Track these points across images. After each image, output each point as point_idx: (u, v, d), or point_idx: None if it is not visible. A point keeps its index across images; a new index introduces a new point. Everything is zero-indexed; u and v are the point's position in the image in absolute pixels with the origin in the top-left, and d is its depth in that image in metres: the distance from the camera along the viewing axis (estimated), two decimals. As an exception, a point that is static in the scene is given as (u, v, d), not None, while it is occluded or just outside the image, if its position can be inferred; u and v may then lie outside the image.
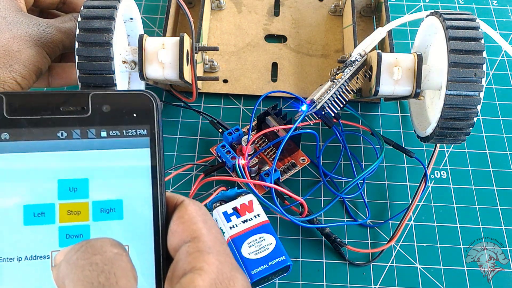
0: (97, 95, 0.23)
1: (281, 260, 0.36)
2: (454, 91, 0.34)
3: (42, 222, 0.23)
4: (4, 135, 0.23)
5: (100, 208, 0.23)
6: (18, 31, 0.37)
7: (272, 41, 0.52)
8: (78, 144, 0.23)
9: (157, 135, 0.24)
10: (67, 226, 0.23)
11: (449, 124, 0.36)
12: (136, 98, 0.24)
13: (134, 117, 0.24)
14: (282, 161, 0.43)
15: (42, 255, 0.22)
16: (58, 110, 0.23)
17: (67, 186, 0.23)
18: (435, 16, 0.38)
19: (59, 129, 0.23)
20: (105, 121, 0.23)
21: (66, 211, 0.23)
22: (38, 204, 0.23)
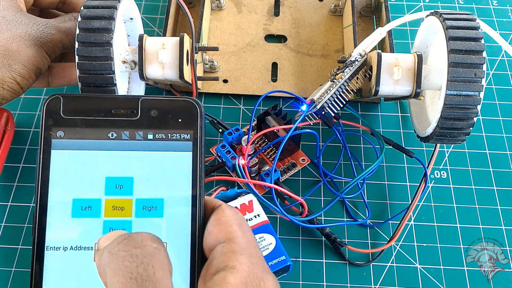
0: (146, 100, 0.25)
1: (281, 260, 0.36)
2: (454, 91, 0.34)
3: (89, 215, 0.24)
4: (59, 133, 0.24)
5: (143, 205, 0.25)
6: (17, 30, 0.37)
7: (272, 41, 0.52)
8: (126, 145, 0.25)
9: (199, 140, 0.25)
10: (111, 221, 0.24)
11: (449, 124, 0.36)
12: (182, 104, 0.25)
13: (179, 122, 0.25)
14: (282, 161, 0.43)
15: (86, 247, 0.24)
16: (110, 112, 0.25)
17: (113, 183, 0.24)
18: (435, 16, 0.38)
19: (110, 130, 0.25)
20: (152, 124, 0.25)
21: (111, 206, 0.24)
22: (86, 199, 0.24)
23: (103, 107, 0.25)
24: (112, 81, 0.36)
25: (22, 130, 0.46)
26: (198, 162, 0.25)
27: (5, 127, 0.42)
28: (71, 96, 0.25)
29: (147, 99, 0.25)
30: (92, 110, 0.25)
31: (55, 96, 0.25)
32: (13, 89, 0.37)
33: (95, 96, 0.26)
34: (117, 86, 0.36)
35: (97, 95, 0.26)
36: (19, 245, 0.40)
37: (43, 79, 0.42)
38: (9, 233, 0.40)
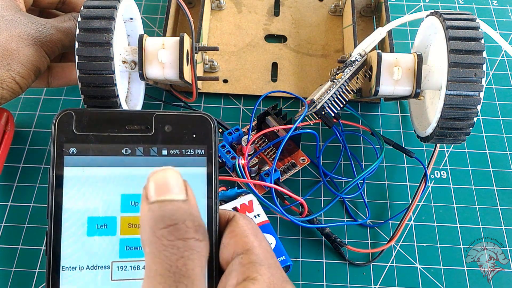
0: (161, 116, 0.25)
1: (281, 260, 0.36)
2: (454, 91, 0.34)
3: (104, 234, 0.24)
4: (72, 150, 0.24)
5: None
6: (16, 30, 0.37)
7: (272, 41, 0.52)
8: (140, 161, 0.24)
9: (213, 155, 0.25)
10: (127, 239, 0.24)
11: (449, 124, 0.36)
12: (196, 119, 0.25)
13: (193, 137, 0.25)
14: (282, 161, 0.43)
15: (103, 265, 0.23)
16: (124, 128, 0.24)
17: (129, 200, 0.24)
18: (435, 16, 0.38)
19: (124, 146, 0.24)
20: (166, 140, 0.25)
21: (127, 224, 0.24)
22: (101, 217, 0.24)
23: (116, 122, 0.24)
24: (112, 81, 0.36)
25: (22, 130, 0.46)
26: (213, 178, 0.25)
27: (5, 127, 0.42)
28: (84, 111, 0.24)
29: (161, 114, 0.25)
30: (106, 126, 0.24)
31: (67, 112, 0.24)
32: (13, 88, 0.37)
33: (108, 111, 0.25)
34: (117, 86, 0.36)
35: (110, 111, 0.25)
36: (19, 245, 0.40)
37: (42, 79, 0.42)
38: (9, 233, 0.40)
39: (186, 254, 0.20)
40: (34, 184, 0.43)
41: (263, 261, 0.23)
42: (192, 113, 0.25)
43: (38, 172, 0.43)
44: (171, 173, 0.22)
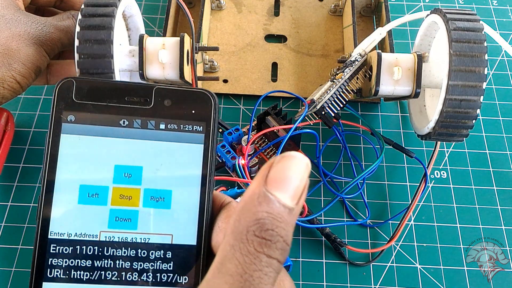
0: (161, 89, 0.25)
1: (281, 260, 0.36)
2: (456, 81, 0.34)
3: (95, 203, 0.24)
4: (70, 117, 0.24)
5: (151, 196, 0.24)
6: (17, 29, 0.37)
7: (272, 41, 0.52)
8: (137, 133, 0.24)
9: (212, 132, 0.25)
10: (117, 209, 0.24)
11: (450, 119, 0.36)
12: (197, 95, 0.25)
13: (192, 113, 0.25)
14: (282, 161, 0.43)
15: (91, 234, 0.23)
16: (123, 99, 0.24)
17: (122, 171, 0.24)
18: (436, 14, 0.38)
19: (122, 117, 0.24)
20: (165, 114, 0.25)
21: (118, 195, 0.24)
22: (93, 186, 0.24)
23: (116, 93, 0.24)
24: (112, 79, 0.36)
25: (22, 130, 0.46)
26: (209, 156, 0.24)
27: (5, 127, 0.42)
28: (84, 80, 0.24)
29: (162, 88, 0.25)
30: (105, 96, 0.24)
31: (68, 80, 0.24)
32: (13, 88, 0.37)
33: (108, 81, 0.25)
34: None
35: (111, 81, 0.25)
36: (19, 245, 0.40)
37: (41, 77, 0.42)
38: (9, 233, 0.40)
39: (266, 270, 0.19)
40: (34, 184, 0.43)
41: None
42: (193, 89, 0.25)
43: (38, 172, 0.43)
44: (300, 168, 0.20)
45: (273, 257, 0.19)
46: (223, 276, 0.19)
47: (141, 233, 0.24)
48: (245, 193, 0.20)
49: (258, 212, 0.20)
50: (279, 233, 0.20)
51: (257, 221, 0.19)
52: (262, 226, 0.19)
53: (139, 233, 0.24)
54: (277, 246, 0.20)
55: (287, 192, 0.20)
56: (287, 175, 0.20)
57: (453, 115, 0.35)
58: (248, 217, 0.20)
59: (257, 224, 0.19)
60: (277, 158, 0.20)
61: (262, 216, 0.19)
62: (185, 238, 0.24)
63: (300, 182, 0.20)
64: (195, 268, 0.23)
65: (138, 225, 0.24)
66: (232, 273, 0.19)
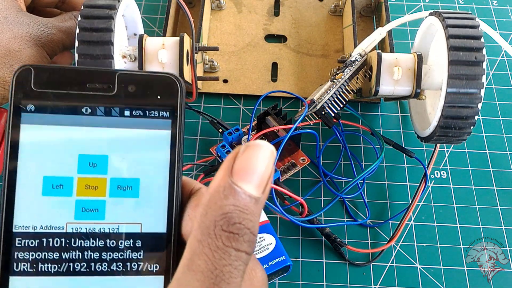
0: (124, 75, 0.24)
1: (281, 260, 0.36)
2: (454, 89, 0.34)
3: (60, 194, 0.23)
4: (30, 107, 0.23)
5: (117, 185, 0.24)
6: (19, 31, 0.37)
7: (272, 41, 0.52)
8: (101, 121, 0.24)
9: (179, 118, 0.24)
10: (83, 200, 0.23)
11: (450, 122, 0.36)
12: (162, 80, 0.24)
13: (158, 99, 0.24)
14: (282, 161, 0.43)
15: (57, 226, 0.23)
16: (85, 86, 0.23)
17: (87, 161, 0.23)
18: (435, 16, 0.38)
19: (84, 105, 0.23)
20: (129, 100, 0.24)
21: (84, 185, 0.23)
22: (57, 177, 0.23)
23: (77, 80, 0.23)
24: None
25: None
26: (177, 142, 0.24)
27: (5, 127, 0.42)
28: (43, 67, 0.23)
29: (125, 74, 0.24)
30: (66, 83, 0.23)
31: (26, 68, 0.23)
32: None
33: (68, 68, 0.24)
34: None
35: (71, 67, 0.24)
36: None
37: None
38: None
39: (235, 263, 0.19)
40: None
41: None
42: (158, 73, 0.24)
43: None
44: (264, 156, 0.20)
45: (241, 250, 0.20)
46: (194, 273, 0.19)
47: (109, 223, 0.23)
48: (211, 185, 0.20)
49: (224, 206, 0.19)
50: (246, 225, 0.20)
51: (224, 215, 0.19)
52: (229, 220, 0.19)
53: (107, 223, 0.23)
54: (244, 239, 0.20)
55: (253, 182, 0.20)
56: (253, 165, 0.20)
57: (451, 123, 0.36)
58: (215, 211, 0.19)
59: (224, 218, 0.19)
60: (241, 147, 0.20)
61: (229, 210, 0.19)
62: (154, 226, 0.23)
63: (265, 171, 0.20)
64: (166, 256, 0.23)
65: (106, 215, 0.23)
66: (202, 270, 0.19)
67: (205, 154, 0.44)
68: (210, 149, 0.44)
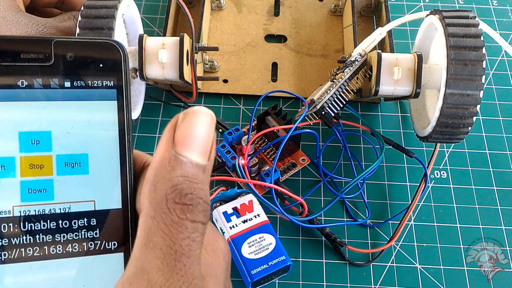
0: (61, 42, 0.22)
1: (281, 260, 0.36)
2: (454, 89, 0.34)
3: (2, 176, 0.21)
4: None
5: (64, 162, 0.22)
6: (17, 31, 0.37)
7: (272, 41, 0.52)
8: (40, 95, 0.22)
9: (124, 87, 0.23)
10: (29, 181, 0.22)
11: (449, 121, 0.36)
12: (103, 47, 0.22)
13: (100, 68, 0.22)
14: (282, 161, 0.43)
15: (3, 210, 0.21)
16: (19, 57, 0.22)
17: (28, 138, 0.22)
18: (434, 15, 0.38)
19: (19, 78, 0.22)
20: (69, 70, 0.22)
21: (28, 164, 0.22)
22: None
23: (9, 50, 0.21)
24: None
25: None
26: (125, 112, 0.22)
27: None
28: None
29: (61, 41, 0.22)
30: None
31: None
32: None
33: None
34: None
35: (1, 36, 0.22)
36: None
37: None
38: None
39: (193, 235, 0.19)
40: None
41: None
42: (98, 39, 0.23)
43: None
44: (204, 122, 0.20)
45: (197, 221, 0.19)
46: (153, 251, 0.19)
47: (60, 203, 0.22)
48: (154, 158, 0.20)
49: (173, 178, 0.19)
50: (198, 195, 0.19)
51: (174, 187, 0.19)
52: (181, 191, 0.19)
53: (57, 203, 0.22)
54: (199, 209, 0.19)
55: (197, 150, 0.20)
56: (194, 132, 0.20)
57: (450, 123, 0.36)
58: (164, 185, 0.19)
59: (175, 190, 0.19)
60: (180, 116, 0.20)
61: (178, 181, 0.19)
62: (108, 202, 0.22)
63: (208, 137, 0.20)
64: (124, 232, 0.22)
65: (55, 194, 0.22)
66: (161, 246, 0.18)
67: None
68: (210, 149, 0.44)
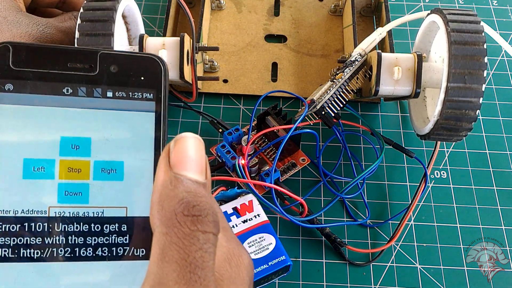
0: (106, 55, 0.23)
1: (281, 260, 0.36)
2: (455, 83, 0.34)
3: (42, 177, 0.22)
4: (8, 86, 0.22)
5: (101, 168, 0.23)
6: (18, 31, 0.37)
7: (272, 41, 0.52)
8: (83, 102, 0.23)
9: (163, 100, 0.24)
10: (66, 183, 0.23)
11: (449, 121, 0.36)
12: (145, 61, 0.24)
13: (141, 80, 0.23)
14: (282, 161, 0.43)
15: (39, 210, 0.22)
16: (66, 66, 0.23)
17: (69, 143, 0.23)
18: (436, 14, 0.38)
19: (65, 85, 0.23)
20: (112, 81, 0.23)
21: (66, 168, 0.23)
22: (38, 159, 0.22)
23: (57, 59, 0.23)
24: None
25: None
26: (162, 124, 0.23)
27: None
28: (22, 45, 0.22)
29: (107, 53, 0.23)
30: (45, 62, 0.22)
31: (4, 45, 0.22)
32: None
33: (49, 46, 0.23)
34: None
35: (51, 46, 0.23)
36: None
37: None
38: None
39: (205, 246, 0.19)
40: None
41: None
42: (141, 53, 0.24)
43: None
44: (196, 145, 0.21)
45: (208, 232, 0.20)
46: (169, 264, 0.19)
47: (94, 207, 0.23)
48: (155, 184, 0.20)
49: (177, 194, 0.20)
50: (205, 206, 0.20)
51: (181, 201, 0.19)
52: (188, 204, 0.20)
53: (91, 207, 0.23)
54: (208, 219, 0.20)
55: (194, 169, 0.20)
56: (187, 154, 0.20)
57: (452, 117, 0.35)
58: (171, 202, 0.20)
59: (182, 204, 0.19)
60: (171, 144, 0.21)
61: (183, 196, 0.20)
62: (140, 210, 0.23)
63: (201, 158, 0.21)
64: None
65: (90, 198, 0.23)
66: (176, 259, 0.19)
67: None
68: (210, 149, 0.44)
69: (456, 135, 0.37)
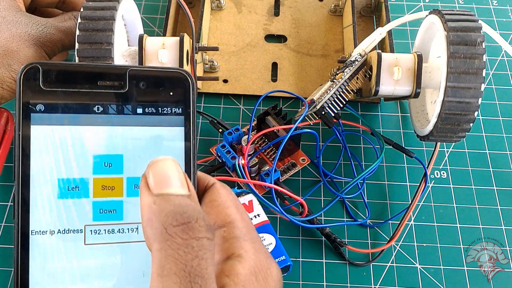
0: (135, 71, 0.23)
1: (281, 260, 0.36)
2: (454, 83, 0.34)
3: (76, 196, 0.23)
4: (39, 107, 0.22)
5: (134, 184, 0.23)
6: (17, 30, 0.37)
7: (272, 41, 0.52)
8: (113, 120, 0.23)
9: (191, 114, 0.24)
10: (101, 201, 0.23)
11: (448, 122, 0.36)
12: (173, 76, 0.24)
13: (170, 95, 0.24)
14: (282, 161, 0.43)
15: (75, 229, 0.22)
16: (95, 84, 0.23)
17: (102, 161, 0.23)
18: (435, 14, 0.38)
19: (95, 103, 0.23)
20: (141, 97, 0.23)
21: (100, 186, 0.23)
22: (72, 179, 0.23)
23: (87, 78, 0.23)
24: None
25: (22, 130, 0.46)
26: (191, 138, 0.24)
27: (5, 127, 0.42)
28: (51, 64, 0.22)
29: (136, 70, 0.23)
30: (75, 81, 0.23)
31: (33, 65, 0.22)
32: (13, 88, 0.37)
33: (77, 65, 0.23)
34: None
35: (80, 64, 0.24)
36: (19, 245, 0.40)
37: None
38: (9, 233, 0.40)
39: (200, 253, 0.19)
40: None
41: (246, 236, 0.22)
42: (169, 69, 0.24)
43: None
44: (170, 164, 0.21)
45: (201, 237, 0.20)
46: (169, 277, 0.19)
47: (128, 223, 0.23)
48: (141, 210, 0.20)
49: (163, 210, 0.20)
50: (192, 212, 0.20)
51: (168, 214, 0.20)
52: (175, 214, 0.20)
53: (125, 223, 0.23)
54: (199, 224, 0.20)
55: (173, 185, 0.21)
56: (164, 173, 0.21)
57: (451, 118, 0.35)
58: (158, 218, 0.20)
59: (170, 216, 0.20)
60: (146, 170, 0.21)
61: (169, 209, 0.20)
62: None
63: (178, 173, 0.21)
64: None
65: (124, 215, 0.23)
66: (175, 271, 0.19)
67: (205, 154, 0.44)
68: (210, 149, 0.44)
69: (455, 136, 0.38)
